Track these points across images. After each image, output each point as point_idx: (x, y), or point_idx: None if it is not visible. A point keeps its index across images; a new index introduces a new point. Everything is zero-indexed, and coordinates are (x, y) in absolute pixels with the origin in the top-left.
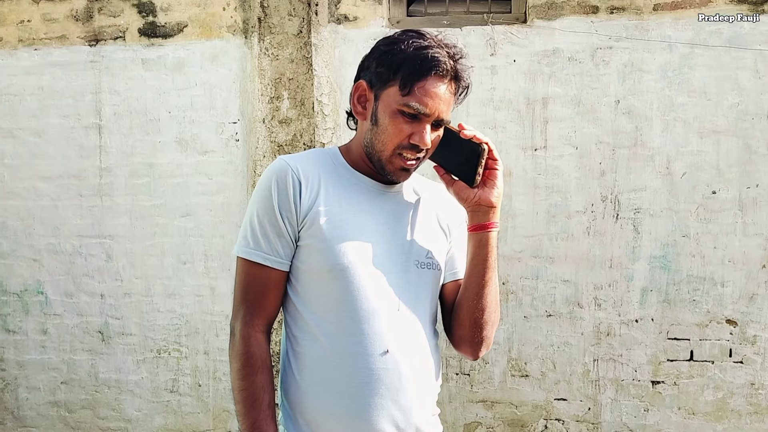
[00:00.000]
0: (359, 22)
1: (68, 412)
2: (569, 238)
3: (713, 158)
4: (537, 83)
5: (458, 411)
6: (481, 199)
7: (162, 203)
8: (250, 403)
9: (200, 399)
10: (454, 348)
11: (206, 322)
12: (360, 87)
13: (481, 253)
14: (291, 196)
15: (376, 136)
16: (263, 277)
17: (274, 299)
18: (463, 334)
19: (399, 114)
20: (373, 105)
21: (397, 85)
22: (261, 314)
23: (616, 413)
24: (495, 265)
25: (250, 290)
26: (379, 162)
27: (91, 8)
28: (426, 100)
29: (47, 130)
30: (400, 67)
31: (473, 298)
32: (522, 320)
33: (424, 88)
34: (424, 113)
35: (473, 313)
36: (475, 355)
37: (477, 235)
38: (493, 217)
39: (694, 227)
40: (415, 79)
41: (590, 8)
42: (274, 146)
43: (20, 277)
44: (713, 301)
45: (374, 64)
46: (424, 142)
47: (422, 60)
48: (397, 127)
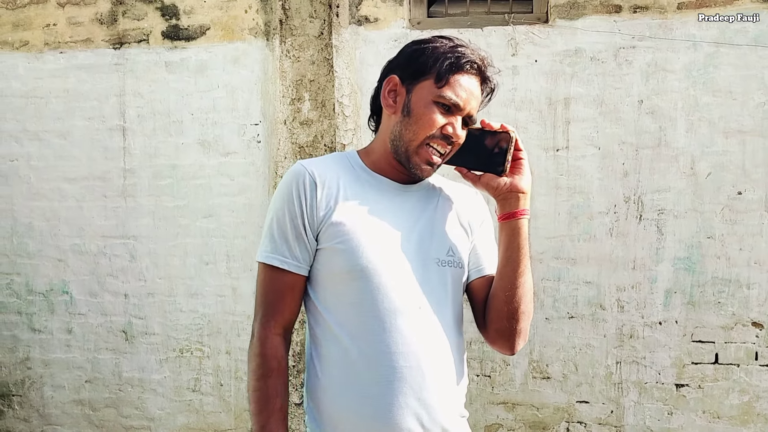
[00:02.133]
0: (380, 24)
1: (92, 411)
2: (591, 239)
3: (739, 158)
4: (559, 83)
5: (479, 413)
6: (512, 186)
7: (185, 204)
8: (263, 405)
9: (222, 398)
10: (490, 344)
11: (228, 322)
12: (392, 81)
13: (514, 242)
14: (309, 200)
15: (406, 126)
16: (280, 280)
17: (291, 303)
18: (500, 326)
19: (433, 104)
20: (405, 98)
21: (433, 78)
22: (278, 317)
23: (639, 416)
24: (528, 253)
25: (268, 293)
26: (405, 153)
27: (116, 12)
28: (460, 92)
29: (72, 132)
30: (435, 62)
31: (509, 288)
32: (544, 322)
33: (458, 81)
34: (457, 105)
35: (510, 304)
36: (512, 349)
37: (509, 224)
38: (524, 203)
39: (719, 228)
40: (450, 72)
41: (613, 7)
42: (295, 147)
43: (46, 277)
44: (738, 303)
45: (406, 60)
46: (456, 133)
47: (458, 56)
48: (430, 117)
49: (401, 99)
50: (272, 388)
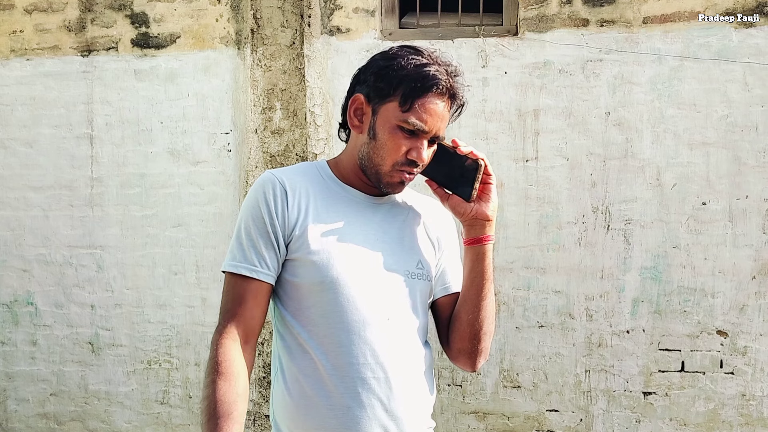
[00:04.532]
0: (352, 34)
1: (57, 425)
2: (560, 249)
3: (703, 170)
4: (528, 95)
5: (450, 422)
6: (478, 213)
7: (153, 213)
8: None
9: (191, 411)
10: (452, 361)
11: (197, 333)
12: (357, 100)
13: (478, 267)
14: (280, 208)
15: (374, 151)
16: (245, 288)
17: (252, 309)
18: (463, 346)
19: (398, 129)
20: (370, 119)
21: (397, 101)
22: (236, 323)
23: (608, 424)
24: (492, 277)
25: (230, 301)
26: (376, 176)
27: (84, 19)
28: (425, 117)
29: (39, 141)
30: (400, 84)
31: (472, 311)
32: (514, 331)
33: (424, 106)
34: (423, 130)
35: (473, 326)
36: (473, 367)
37: (474, 249)
38: (489, 230)
39: (685, 238)
40: (415, 95)
41: (580, 21)
42: (266, 157)
43: (10, 288)
44: (704, 312)
45: (372, 78)
46: (421, 158)
47: (423, 78)
48: (395, 143)
49: (367, 119)
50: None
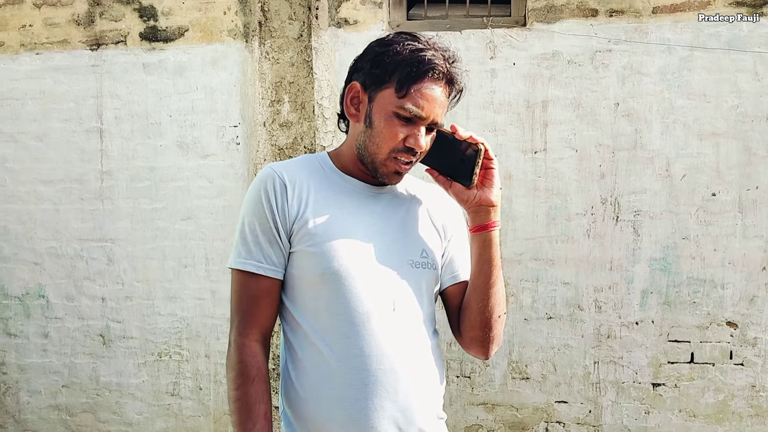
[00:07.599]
0: (359, 26)
1: (69, 416)
2: (569, 240)
3: (713, 160)
4: (536, 86)
5: (459, 414)
6: (482, 200)
7: (163, 207)
8: (245, 414)
9: (201, 402)
10: (465, 350)
11: (207, 325)
12: (353, 88)
13: (485, 254)
14: (280, 202)
15: (370, 139)
16: (256, 286)
17: (268, 308)
18: (475, 335)
19: (394, 116)
20: (367, 107)
21: (393, 87)
22: (255, 324)
23: (616, 416)
24: (500, 263)
25: (243, 300)
26: (372, 164)
27: (93, 13)
28: (422, 103)
29: (49, 134)
30: (396, 69)
31: (482, 299)
32: (522, 323)
33: (420, 91)
34: (419, 116)
35: (483, 314)
36: (487, 354)
37: (480, 236)
38: (494, 216)
39: (694, 229)
40: (411, 81)
41: (589, 11)
42: (274, 149)
43: (21, 281)
44: (713, 303)
45: (368, 65)
46: (419, 145)
47: (419, 62)
48: (392, 130)
49: (363, 107)
50: (253, 396)
